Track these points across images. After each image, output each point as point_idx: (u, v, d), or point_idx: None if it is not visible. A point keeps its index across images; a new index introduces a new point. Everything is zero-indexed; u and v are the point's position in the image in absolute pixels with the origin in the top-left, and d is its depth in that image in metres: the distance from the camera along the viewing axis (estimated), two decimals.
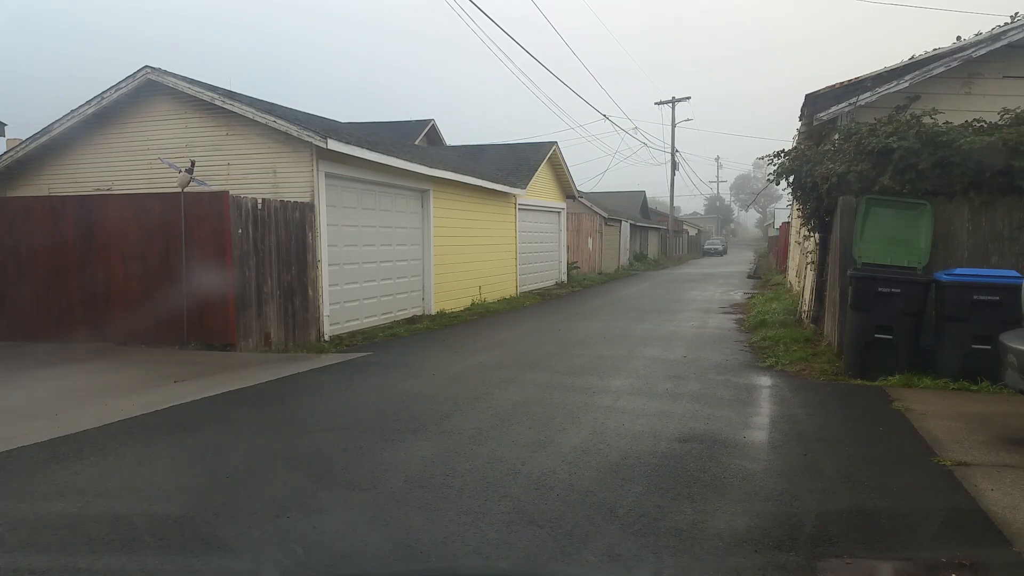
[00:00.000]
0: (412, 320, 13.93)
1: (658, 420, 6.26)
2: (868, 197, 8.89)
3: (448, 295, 15.72)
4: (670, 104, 52.80)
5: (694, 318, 15.09)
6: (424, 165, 14.10)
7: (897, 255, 8.67)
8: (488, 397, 7.18)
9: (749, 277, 31.21)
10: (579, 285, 24.78)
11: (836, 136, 10.17)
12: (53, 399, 7.04)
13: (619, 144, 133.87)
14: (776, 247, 40.65)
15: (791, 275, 19.51)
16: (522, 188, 19.78)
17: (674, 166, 54.07)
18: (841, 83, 10.23)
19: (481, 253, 17.70)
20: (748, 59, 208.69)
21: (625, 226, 38.16)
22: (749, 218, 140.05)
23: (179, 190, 9.81)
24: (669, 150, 53.40)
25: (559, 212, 24.69)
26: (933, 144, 8.58)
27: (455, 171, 15.79)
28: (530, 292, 21.03)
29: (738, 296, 21.34)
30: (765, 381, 8.19)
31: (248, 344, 9.78)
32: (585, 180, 41.57)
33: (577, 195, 26.36)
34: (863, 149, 9.20)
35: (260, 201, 10.12)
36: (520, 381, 8.03)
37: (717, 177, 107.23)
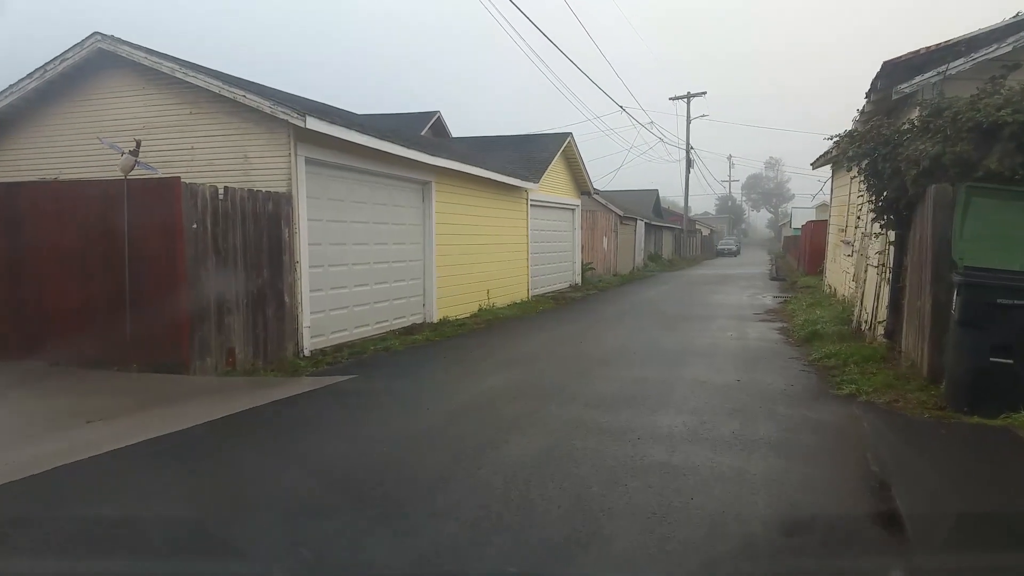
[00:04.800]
0: (410, 329, 12.18)
1: (738, 488, 4.46)
2: (969, 185, 7.07)
3: (452, 300, 13.96)
4: (685, 99, 51.12)
5: (730, 327, 13.29)
6: (425, 153, 12.34)
7: (1010, 256, 6.84)
8: (498, 448, 5.40)
9: (772, 279, 29.40)
10: (595, 288, 22.99)
11: (918, 112, 8.37)
12: None
13: (635, 138, 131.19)
14: (798, 247, 38.80)
15: (830, 277, 17.66)
16: (535, 182, 18.00)
17: (689, 163, 52.35)
18: (927, 48, 8.42)
19: (490, 253, 15.94)
20: (762, 58, 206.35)
21: (640, 225, 36.34)
22: (760, 218, 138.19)
23: (122, 176, 8.08)
24: (683, 147, 51.73)
25: (573, 209, 22.92)
26: None
27: (461, 161, 14.04)
28: (543, 296, 19.26)
29: (768, 300, 19.51)
30: (852, 418, 6.39)
31: (206, 364, 8.04)
32: (598, 177, 39.70)
33: (592, 191, 24.58)
34: (961, 126, 7.38)
35: (222, 190, 8.38)
36: (540, 419, 6.26)
37: (729, 176, 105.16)
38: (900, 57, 8.50)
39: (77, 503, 4.35)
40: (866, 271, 11.05)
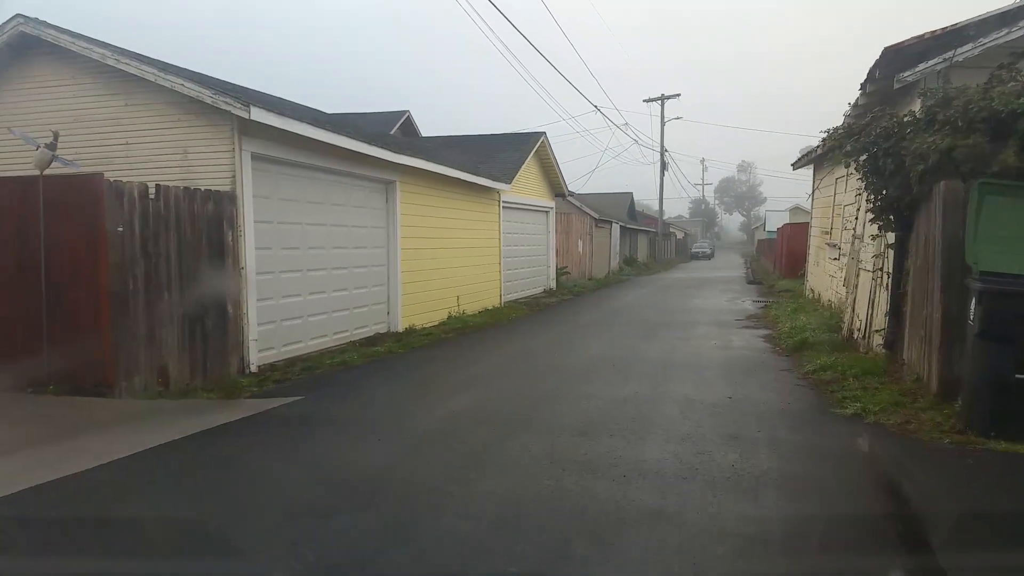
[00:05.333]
0: (373, 340, 11.29)
1: (750, 548, 3.67)
2: (983, 182, 6.40)
3: (419, 308, 13.10)
4: (659, 101, 50.67)
5: (713, 334, 12.58)
6: (387, 150, 11.48)
7: None
8: (460, 490, 4.56)
9: (750, 283, 28.92)
10: (570, 293, 22.23)
11: (921, 103, 7.70)
12: None
13: (610, 139, 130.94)
14: (774, 250, 38.41)
15: (813, 281, 17.06)
16: (506, 183, 17.20)
17: (663, 166, 51.94)
18: (931, 32, 7.74)
19: (459, 257, 15.10)
20: (737, 61, 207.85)
21: (615, 228, 35.71)
22: (732, 221, 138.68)
23: (37, 173, 7.13)
24: (658, 149, 51.27)
25: (547, 212, 22.15)
26: None
27: (427, 159, 13.18)
28: (516, 302, 18.45)
29: (748, 305, 18.89)
30: (865, 445, 5.66)
31: (133, 385, 7.10)
32: (573, 180, 38.80)
33: (567, 193, 23.84)
34: (973, 117, 6.72)
35: (153, 188, 7.46)
36: (510, 452, 5.42)
37: (702, 179, 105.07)
38: (902, 43, 7.81)
39: None
40: (858, 276, 10.39)
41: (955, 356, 6.55)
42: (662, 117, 50.72)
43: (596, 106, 40.45)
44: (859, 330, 9.95)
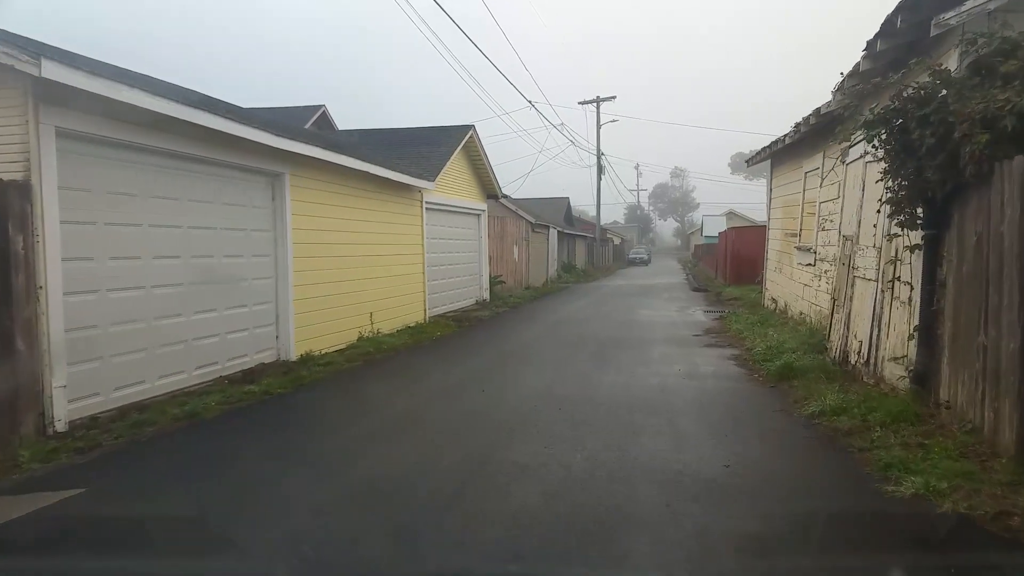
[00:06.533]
0: (252, 374, 8.85)
1: None
2: None
3: (319, 329, 10.69)
4: (595, 104, 49.12)
5: (674, 355, 10.56)
6: (267, 133, 9.07)
7: None
8: None
9: (695, 290, 27.31)
10: (505, 304, 20.04)
11: (958, 58, 5.78)
12: None
13: (545, 139, 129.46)
14: (715, 255, 37.08)
15: (775, 290, 15.27)
16: (430, 180, 14.90)
17: (600, 169, 50.44)
18: None
19: (373, 267, 12.74)
20: (674, 67, 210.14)
21: (553, 233, 33.72)
22: (666, 227, 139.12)
23: None
24: (595, 152, 49.69)
25: (479, 215, 19.93)
26: None
27: (327, 148, 10.80)
28: (444, 316, 16.15)
29: (700, 316, 17.06)
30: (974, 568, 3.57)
31: None
32: (507, 183, 36.54)
33: (501, 195, 21.66)
34: None
35: None
36: None
37: (637, 185, 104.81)
38: None
39: None
40: (852, 285, 8.47)
41: None
42: (598, 120, 49.27)
43: (530, 101, 38.62)
44: (858, 353, 8.01)
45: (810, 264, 11.40)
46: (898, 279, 6.89)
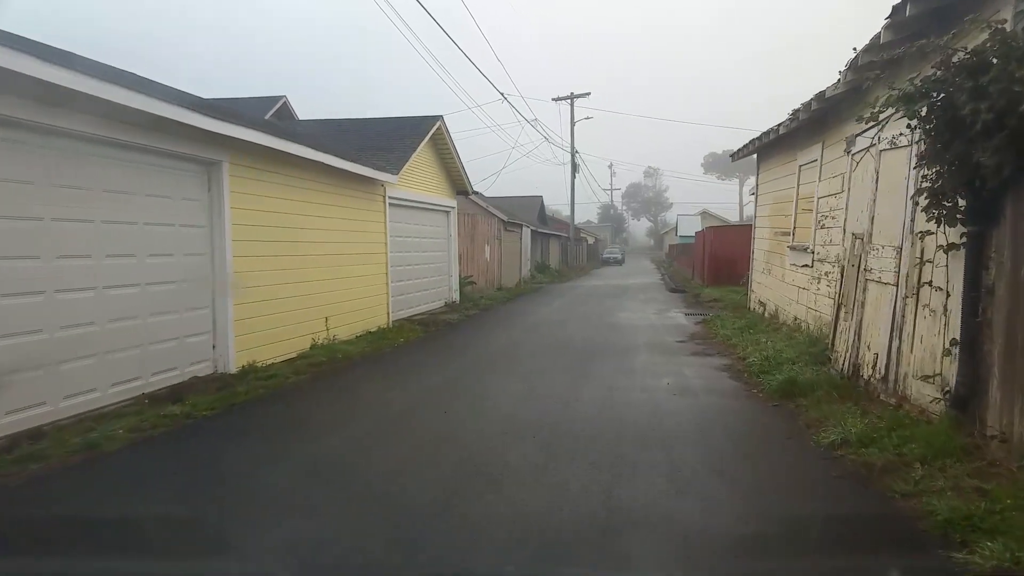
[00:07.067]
0: (180, 391, 7.66)
1: None
2: None
3: (264, 337, 9.53)
4: (568, 100, 48.18)
5: (659, 366, 9.57)
6: (199, 114, 7.89)
7: None
8: None
9: (672, 291, 26.47)
10: (476, 306, 18.94)
11: (1015, 18, 4.82)
12: None
13: (519, 135, 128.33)
14: (691, 256, 36.31)
15: (763, 293, 14.36)
16: (393, 173, 13.77)
17: (574, 167, 49.50)
18: None
19: (328, 267, 11.59)
20: (648, 63, 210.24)
21: (526, 232, 32.69)
22: (640, 227, 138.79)
23: None
24: (568, 149, 48.75)
25: (448, 212, 18.80)
26: None
27: (273, 134, 9.63)
28: (410, 320, 15.02)
29: (681, 319, 16.15)
30: None
31: None
32: (478, 181, 35.23)
33: (471, 191, 20.55)
34: None
35: None
36: None
37: (611, 184, 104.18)
38: None
39: None
40: (864, 290, 7.52)
41: None
42: (572, 117, 48.43)
43: (503, 93, 37.47)
44: (872, 367, 7.05)
45: (807, 265, 10.47)
46: (928, 284, 5.93)
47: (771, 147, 13.19)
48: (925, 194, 5.37)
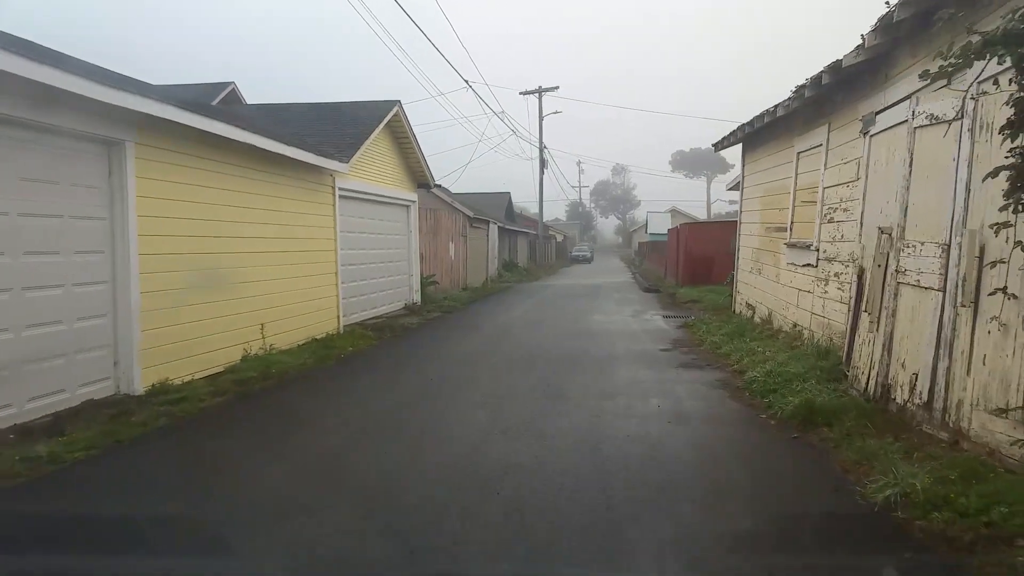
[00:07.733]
0: (61, 421, 6.16)
1: None
2: None
3: (181, 350, 8.04)
4: (536, 94, 46.86)
5: (646, 383, 8.27)
6: (89, 81, 6.38)
7: None
8: None
9: (646, 291, 25.33)
10: (439, 308, 17.52)
11: None
12: None
13: (486, 127, 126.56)
14: (664, 254, 35.17)
15: (752, 295, 13.16)
16: (343, 161, 12.30)
17: (543, 163, 48.20)
18: None
19: (267, 266, 10.10)
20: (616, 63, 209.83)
21: (494, 229, 31.33)
22: (608, 225, 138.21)
23: None
24: (536, 144, 47.46)
25: (407, 206, 17.33)
26: None
27: (194, 112, 8.13)
28: (363, 324, 13.55)
29: (660, 321, 14.96)
30: None
31: None
32: (442, 176, 33.56)
33: (433, 184, 19.10)
34: None
35: None
36: None
37: (579, 182, 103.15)
38: None
39: None
40: (896, 296, 6.28)
41: None
42: (540, 110, 46.98)
43: (467, 81, 35.73)
44: (911, 390, 5.81)
45: (810, 265, 9.25)
46: (1001, 291, 4.67)
47: (761, 134, 11.98)
48: (1011, 173, 4.11)
